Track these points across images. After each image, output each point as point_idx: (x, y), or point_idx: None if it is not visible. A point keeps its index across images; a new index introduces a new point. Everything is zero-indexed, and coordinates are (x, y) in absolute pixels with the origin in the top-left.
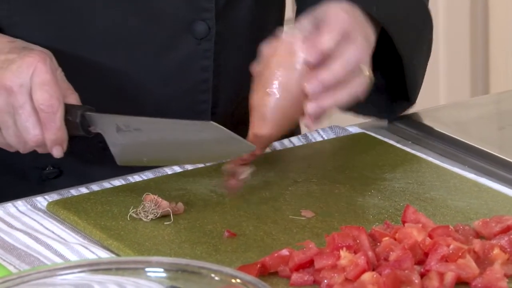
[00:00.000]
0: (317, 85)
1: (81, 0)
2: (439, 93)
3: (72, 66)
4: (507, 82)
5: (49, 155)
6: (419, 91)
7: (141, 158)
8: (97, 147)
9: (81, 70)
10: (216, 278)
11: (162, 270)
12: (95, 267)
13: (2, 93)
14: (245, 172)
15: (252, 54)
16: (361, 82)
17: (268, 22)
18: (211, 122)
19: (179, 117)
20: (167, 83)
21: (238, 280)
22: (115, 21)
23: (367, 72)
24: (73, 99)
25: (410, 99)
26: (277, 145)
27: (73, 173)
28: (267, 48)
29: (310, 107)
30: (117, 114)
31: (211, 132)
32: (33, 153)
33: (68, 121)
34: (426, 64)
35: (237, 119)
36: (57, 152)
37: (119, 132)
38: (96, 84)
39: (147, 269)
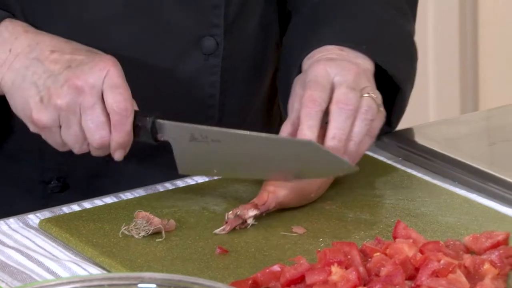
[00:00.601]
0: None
1: (93, 15)
2: (429, 110)
3: None
4: (496, 98)
5: (54, 169)
6: (401, 118)
7: (210, 169)
8: (102, 160)
9: None
10: None
11: (154, 286)
12: (87, 283)
13: (71, 92)
14: (252, 216)
15: (256, 70)
16: (380, 120)
17: (270, 39)
18: (310, 140)
19: None
20: (175, 98)
21: None
22: (125, 36)
23: (378, 105)
24: (134, 105)
25: (392, 125)
26: None
27: (77, 186)
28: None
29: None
30: None
31: (309, 150)
32: (39, 167)
33: (136, 127)
34: (410, 93)
35: None
36: (119, 155)
37: (193, 141)
38: None
39: (139, 285)
